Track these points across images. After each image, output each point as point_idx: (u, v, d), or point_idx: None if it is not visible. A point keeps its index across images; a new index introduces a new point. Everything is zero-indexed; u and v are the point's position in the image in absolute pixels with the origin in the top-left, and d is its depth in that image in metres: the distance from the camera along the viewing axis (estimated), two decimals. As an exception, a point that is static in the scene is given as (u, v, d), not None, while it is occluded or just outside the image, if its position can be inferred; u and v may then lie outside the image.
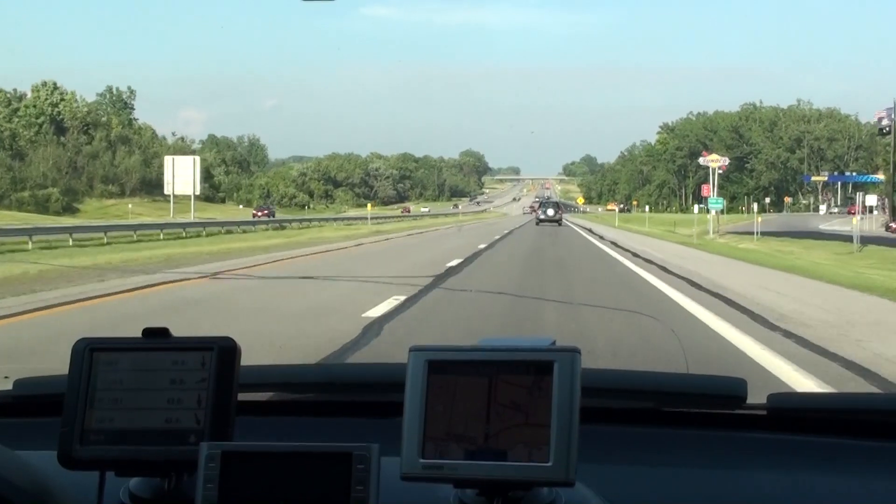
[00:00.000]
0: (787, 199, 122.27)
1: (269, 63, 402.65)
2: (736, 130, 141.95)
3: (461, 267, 16.97)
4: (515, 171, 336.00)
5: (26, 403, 1.70)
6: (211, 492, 1.08)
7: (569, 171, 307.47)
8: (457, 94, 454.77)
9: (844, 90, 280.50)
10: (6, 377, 1.85)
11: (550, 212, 58.41)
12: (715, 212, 46.39)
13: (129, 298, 11.29)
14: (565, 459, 1.06)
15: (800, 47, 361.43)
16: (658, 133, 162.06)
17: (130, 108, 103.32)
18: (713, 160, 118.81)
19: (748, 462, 1.46)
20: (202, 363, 1.19)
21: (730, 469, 1.44)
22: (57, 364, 1.44)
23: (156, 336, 1.22)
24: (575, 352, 1.10)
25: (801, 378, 6.01)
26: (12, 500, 0.97)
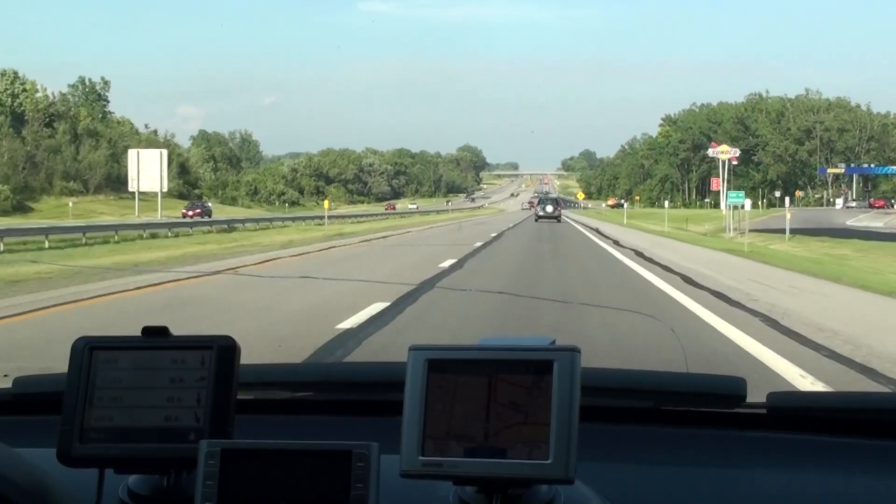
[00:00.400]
0: (799, 193, 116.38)
1: (266, 59, 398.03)
2: (741, 122, 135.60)
3: (381, 320, 8.86)
4: (514, 167, 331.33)
5: (26, 401, 1.70)
6: (210, 489, 1.08)
7: (567, 167, 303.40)
8: (454, 90, 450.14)
9: (853, 79, 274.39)
10: (5, 375, 1.80)
11: (549, 208, 58.76)
12: (737, 207, 41.12)
13: None
14: (565, 457, 1.06)
15: (805, 36, 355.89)
16: (660, 125, 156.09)
17: (105, 101, 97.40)
18: (723, 151, 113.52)
19: (748, 461, 1.45)
20: (202, 362, 1.19)
21: (729, 468, 1.44)
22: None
23: (155, 334, 1.22)
24: (574, 351, 1.10)
25: None
26: (12, 498, 0.97)
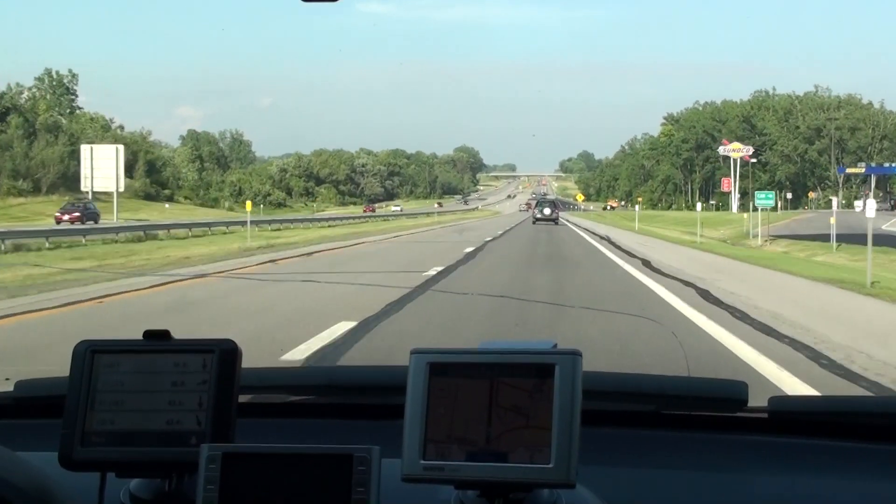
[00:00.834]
0: (812, 195, 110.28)
1: (264, 61, 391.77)
2: (748, 120, 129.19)
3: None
4: (511, 168, 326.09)
5: (27, 405, 1.70)
6: (212, 493, 1.07)
7: (566, 168, 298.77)
8: (452, 91, 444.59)
9: (863, 76, 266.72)
10: (7, 379, 1.77)
11: (547, 211, 59.19)
12: (763, 209, 35.45)
13: None
14: (566, 461, 1.05)
15: (811, 32, 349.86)
16: (662, 125, 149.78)
17: (72, 94, 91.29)
18: (735, 149, 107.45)
19: (749, 465, 1.45)
20: (203, 365, 1.19)
21: (731, 472, 1.43)
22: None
23: (157, 338, 1.22)
24: (576, 354, 1.10)
25: None
26: (14, 502, 0.97)
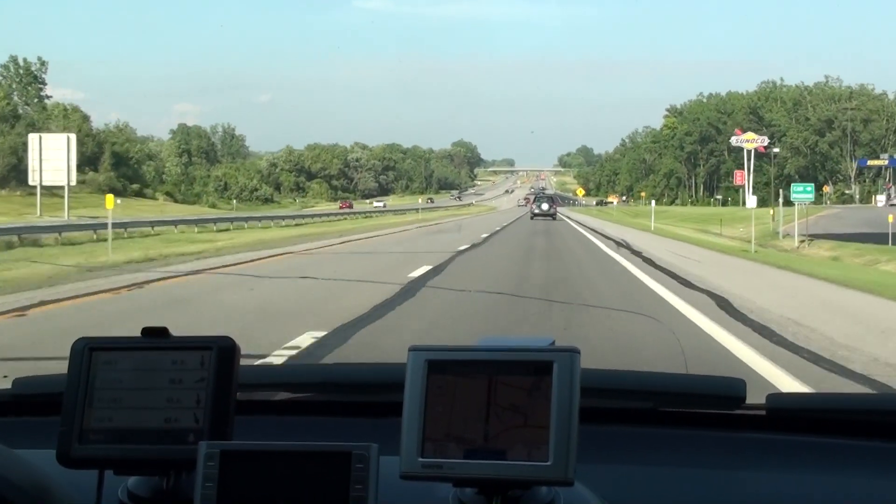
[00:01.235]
0: (827, 189, 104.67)
1: (261, 57, 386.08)
2: (755, 112, 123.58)
3: None
4: (510, 163, 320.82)
5: (25, 402, 1.69)
6: (210, 491, 1.07)
7: (564, 163, 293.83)
8: (450, 86, 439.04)
9: (874, 66, 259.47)
10: (5, 376, 1.77)
11: (545, 206, 59.39)
12: (801, 204, 30.35)
13: None
14: (564, 459, 1.05)
15: (820, 22, 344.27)
16: (665, 117, 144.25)
17: (41, 83, 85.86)
18: (749, 139, 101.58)
19: (747, 462, 1.45)
20: (201, 363, 1.18)
21: (729, 469, 1.43)
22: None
23: (155, 335, 1.21)
24: (574, 352, 1.09)
25: None
26: (11, 499, 0.96)
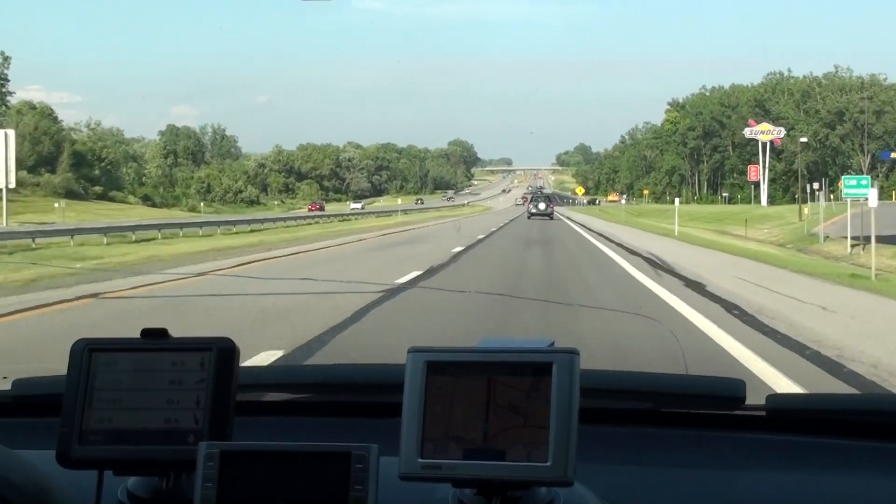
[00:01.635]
0: (842, 184, 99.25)
1: (259, 57, 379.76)
2: (761, 105, 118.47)
3: None
4: (507, 162, 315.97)
5: (25, 403, 1.69)
6: (209, 491, 1.07)
7: (562, 161, 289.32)
8: (447, 86, 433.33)
9: (886, 55, 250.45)
10: (5, 377, 1.83)
11: (542, 206, 58.36)
12: (861, 200, 24.98)
13: None
14: (564, 459, 1.05)
15: (827, 9, 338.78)
16: (666, 111, 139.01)
17: (3, 79, 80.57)
18: (764, 130, 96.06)
19: (747, 463, 1.45)
20: (201, 364, 1.19)
21: (728, 470, 1.43)
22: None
23: (155, 337, 1.21)
24: (573, 353, 1.09)
25: None
26: (11, 500, 0.96)
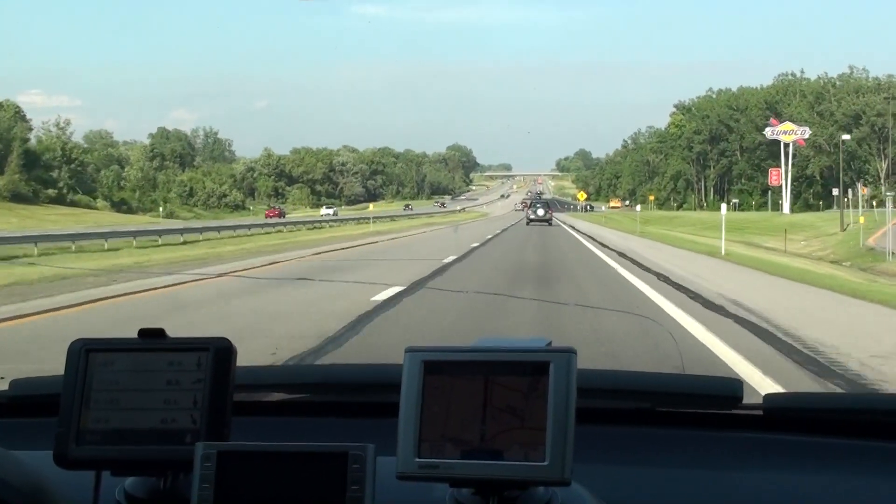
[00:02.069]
0: (864, 191, 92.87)
1: (258, 62, 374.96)
2: (771, 107, 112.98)
3: None
4: (507, 168, 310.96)
5: (22, 403, 1.70)
6: (206, 491, 1.07)
7: (562, 167, 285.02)
8: (446, 91, 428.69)
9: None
10: (2, 377, 1.82)
11: (540, 211, 58.54)
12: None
13: None
14: (561, 459, 1.05)
15: (839, 9, 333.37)
16: (672, 114, 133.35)
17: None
18: (787, 130, 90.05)
19: (744, 462, 1.45)
20: (198, 364, 1.19)
21: (726, 469, 1.43)
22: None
23: (152, 337, 1.21)
24: (570, 352, 1.09)
25: None
26: (9, 500, 0.96)
